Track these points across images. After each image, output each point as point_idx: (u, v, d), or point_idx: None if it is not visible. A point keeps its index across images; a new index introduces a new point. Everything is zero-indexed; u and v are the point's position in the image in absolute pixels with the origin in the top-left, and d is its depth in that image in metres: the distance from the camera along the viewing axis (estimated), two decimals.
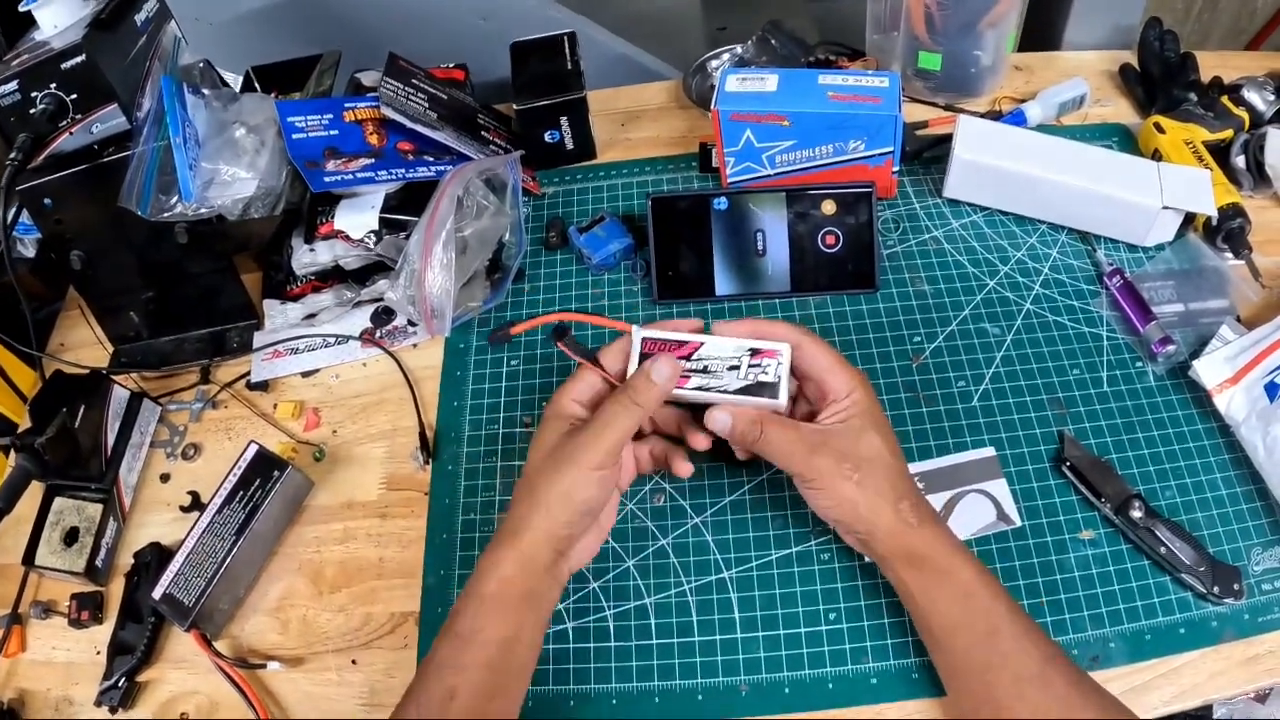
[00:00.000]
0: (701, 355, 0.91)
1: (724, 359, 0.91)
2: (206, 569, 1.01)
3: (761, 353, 0.91)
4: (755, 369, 0.91)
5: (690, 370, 0.91)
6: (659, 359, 0.89)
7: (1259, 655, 0.93)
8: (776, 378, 0.91)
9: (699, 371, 0.91)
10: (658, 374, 0.88)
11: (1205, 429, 1.07)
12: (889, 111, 1.16)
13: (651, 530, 1.04)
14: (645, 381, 0.88)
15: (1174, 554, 0.96)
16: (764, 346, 0.91)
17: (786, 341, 0.93)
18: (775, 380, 0.91)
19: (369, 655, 1.01)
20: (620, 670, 0.96)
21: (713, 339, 0.92)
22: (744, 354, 0.91)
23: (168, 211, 1.12)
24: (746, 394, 0.91)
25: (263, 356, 1.24)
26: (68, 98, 1.08)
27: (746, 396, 0.91)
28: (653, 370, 0.88)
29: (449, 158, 1.27)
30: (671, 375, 0.89)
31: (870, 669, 0.94)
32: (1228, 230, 1.18)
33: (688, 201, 1.20)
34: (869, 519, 0.87)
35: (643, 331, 0.92)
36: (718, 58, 1.54)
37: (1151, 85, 1.40)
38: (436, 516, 1.09)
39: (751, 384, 0.91)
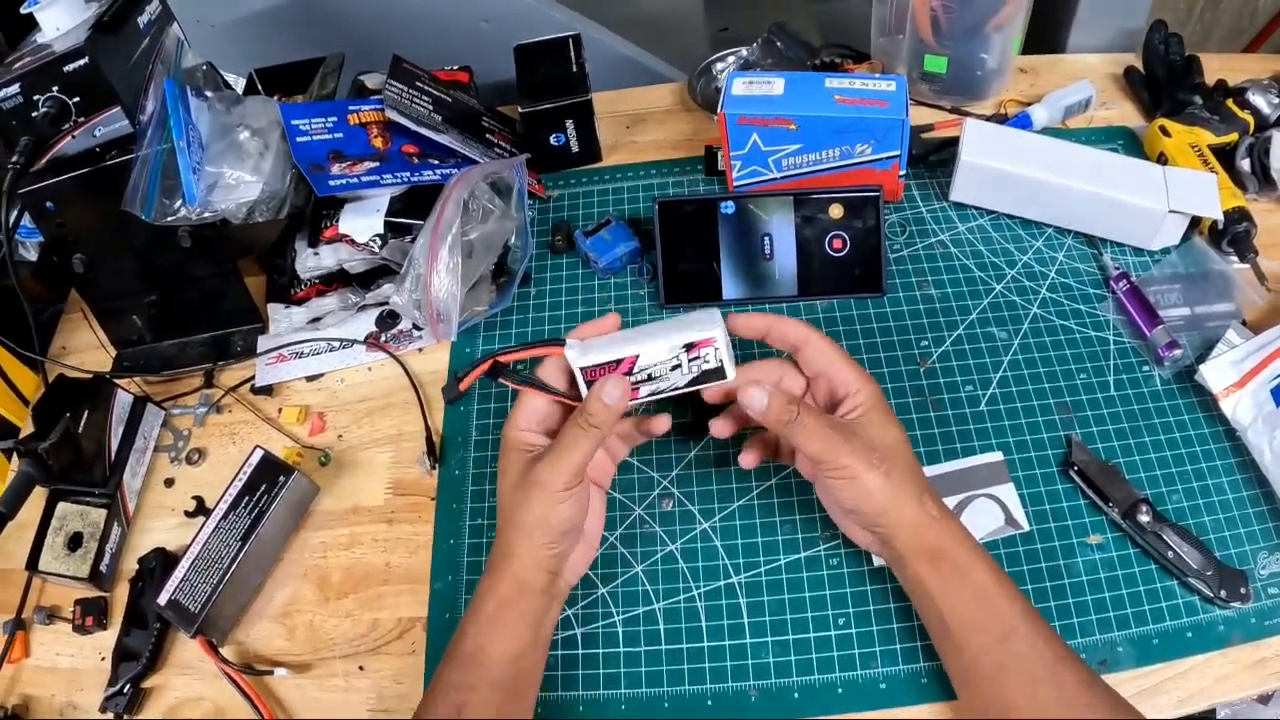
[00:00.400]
0: (642, 365, 0.91)
1: (664, 362, 0.91)
2: (212, 575, 1.01)
3: (696, 345, 0.90)
4: (696, 361, 0.91)
5: (636, 383, 0.91)
6: (608, 380, 0.88)
7: (1266, 659, 0.93)
8: (719, 362, 0.91)
9: (645, 380, 0.91)
10: (608, 396, 0.88)
11: (1212, 433, 1.07)
12: (896, 115, 1.16)
13: (660, 535, 1.04)
14: (599, 404, 0.87)
15: (1181, 558, 0.96)
16: (697, 338, 0.90)
17: (796, 337, 0.94)
18: (718, 364, 0.91)
19: (376, 661, 1.01)
20: (629, 675, 0.96)
21: (646, 347, 0.90)
22: (679, 352, 0.90)
23: (171, 215, 1.12)
24: (696, 384, 0.92)
25: (267, 361, 1.24)
26: (70, 101, 1.07)
27: (697, 386, 0.92)
28: (603, 393, 0.87)
29: (454, 161, 1.26)
30: (623, 395, 0.88)
31: (880, 673, 0.94)
32: (1233, 234, 1.18)
33: (695, 205, 1.20)
34: (895, 511, 0.87)
35: (579, 359, 0.91)
36: (723, 60, 1.54)
37: (1156, 88, 1.40)
38: (443, 522, 1.09)
39: (697, 375, 0.91)
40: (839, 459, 0.87)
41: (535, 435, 0.93)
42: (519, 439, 0.92)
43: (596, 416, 0.87)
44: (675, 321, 0.93)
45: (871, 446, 0.88)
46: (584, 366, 0.91)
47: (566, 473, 0.87)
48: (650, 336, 0.91)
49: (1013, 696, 0.82)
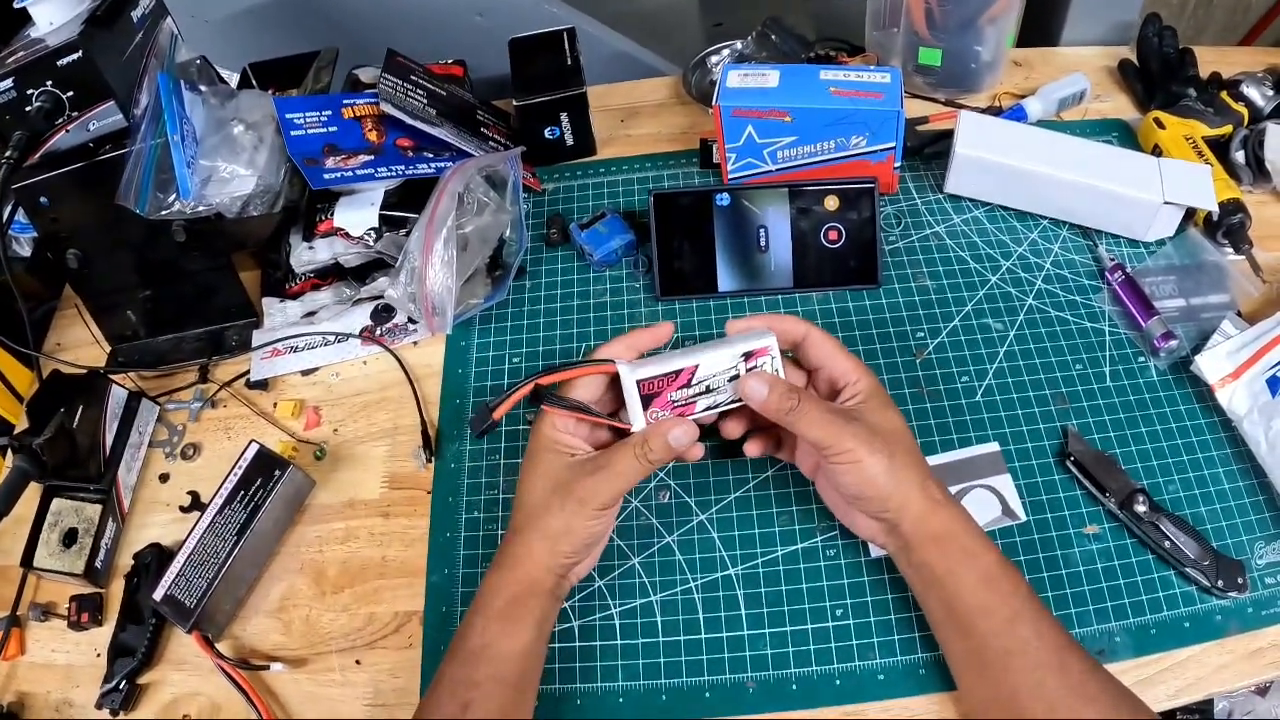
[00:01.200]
0: (700, 376, 0.91)
1: (721, 373, 0.91)
2: (208, 570, 1.00)
3: (754, 354, 0.91)
4: (753, 370, 0.91)
5: (694, 395, 0.91)
6: (679, 425, 0.89)
7: (1263, 648, 0.93)
8: (775, 371, 0.91)
9: (702, 394, 0.91)
10: (675, 439, 0.88)
11: (1208, 423, 1.07)
12: (891, 107, 1.16)
13: (657, 528, 1.04)
14: (664, 445, 0.88)
15: (1178, 548, 0.96)
16: (754, 346, 0.91)
17: (795, 332, 0.94)
18: (774, 374, 0.91)
19: (373, 655, 1.01)
20: (627, 668, 0.96)
21: (705, 356, 0.90)
22: (739, 361, 0.91)
23: (166, 209, 1.12)
24: None
25: (262, 355, 1.24)
26: (64, 95, 1.07)
27: None
28: (671, 435, 0.88)
29: (448, 154, 1.26)
30: (689, 441, 0.89)
31: (878, 665, 0.94)
32: (1228, 225, 1.19)
33: (690, 198, 1.20)
34: (899, 495, 0.87)
35: (634, 373, 0.90)
36: (717, 53, 1.54)
37: (1151, 81, 1.40)
38: (439, 515, 1.09)
39: None
40: (842, 443, 0.86)
41: (574, 439, 0.92)
42: (556, 439, 0.92)
43: (656, 454, 0.87)
44: (721, 340, 0.93)
45: (873, 432, 0.88)
46: (640, 379, 0.90)
47: (608, 496, 0.88)
48: (704, 350, 0.91)
49: (1018, 683, 0.81)
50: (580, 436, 0.93)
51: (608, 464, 0.88)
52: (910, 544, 0.88)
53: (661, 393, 0.90)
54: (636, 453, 0.88)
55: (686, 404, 0.91)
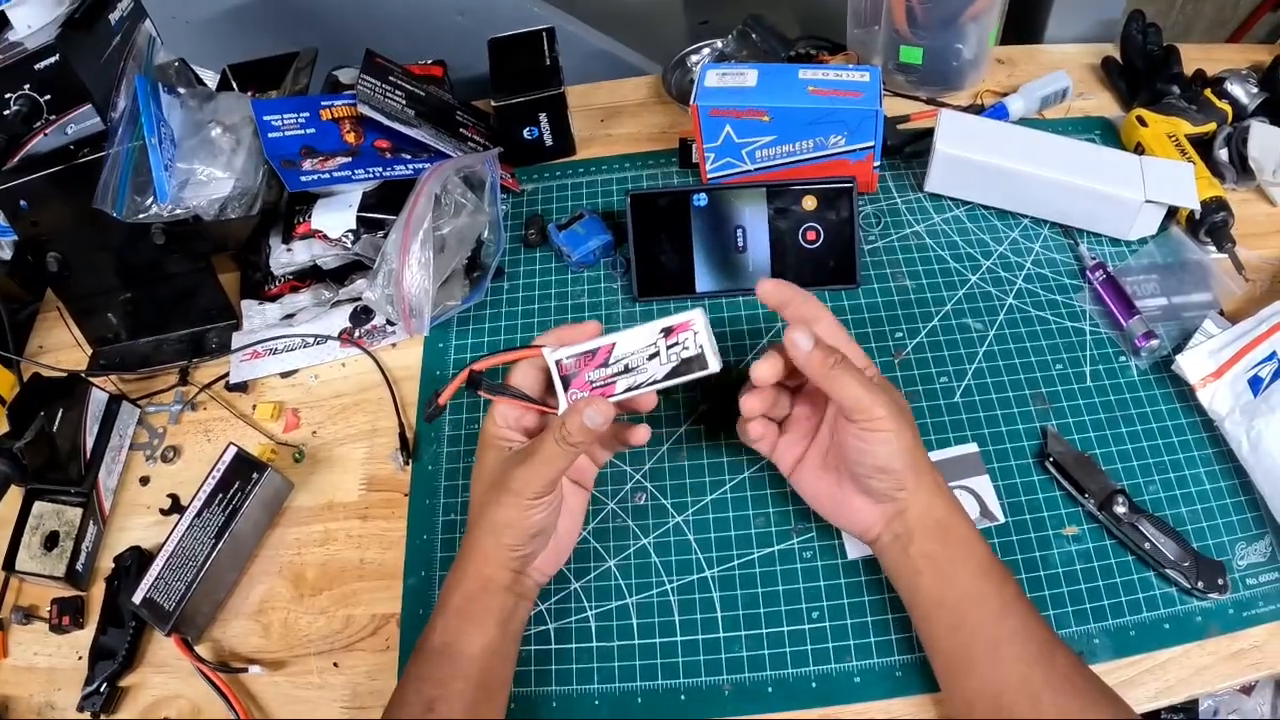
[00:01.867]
0: (617, 355, 0.90)
1: (641, 350, 0.90)
2: (187, 573, 1.00)
3: (674, 329, 0.89)
4: (675, 348, 0.89)
5: (613, 375, 0.90)
6: (592, 403, 0.87)
7: (1244, 649, 0.93)
8: (699, 348, 0.89)
9: (621, 373, 0.90)
10: (589, 419, 0.86)
11: (1189, 423, 1.07)
12: (870, 106, 1.16)
13: (633, 530, 1.04)
14: (579, 425, 0.86)
15: (1158, 549, 0.96)
16: (675, 322, 0.89)
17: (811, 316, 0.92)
18: (699, 351, 0.89)
19: (351, 658, 1.01)
20: (603, 671, 0.96)
21: (622, 335, 0.90)
22: (658, 338, 0.89)
23: (143, 213, 1.12)
24: (677, 375, 0.89)
25: (241, 357, 1.24)
26: (42, 99, 1.07)
27: (679, 378, 0.89)
28: (585, 415, 0.86)
29: (427, 155, 1.26)
30: (605, 419, 0.87)
31: (854, 667, 0.94)
32: (1211, 224, 1.18)
33: (667, 198, 1.20)
34: (914, 477, 0.88)
35: (554, 354, 0.91)
36: (697, 52, 1.54)
37: (1134, 78, 1.40)
38: (417, 517, 1.09)
39: (677, 364, 0.89)
40: (876, 410, 0.86)
41: (512, 433, 0.93)
42: (497, 434, 0.92)
43: (574, 436, 0.86)
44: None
45: (900, 407, 0.88)
46: (559, 360, 0.91)
47: (539, 484, 0.87)
48: (619, 332, 0.91)
49: (1006, 675, 0.82)
50: (519, 430, 0.93)
51: (534, 451, 0.88)
52: (912, 531, 0.88)
53: (580, 373, 0.91)
54: (555, 437, 0.87)
55: (606, 384, 0.90)
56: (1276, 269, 1.19)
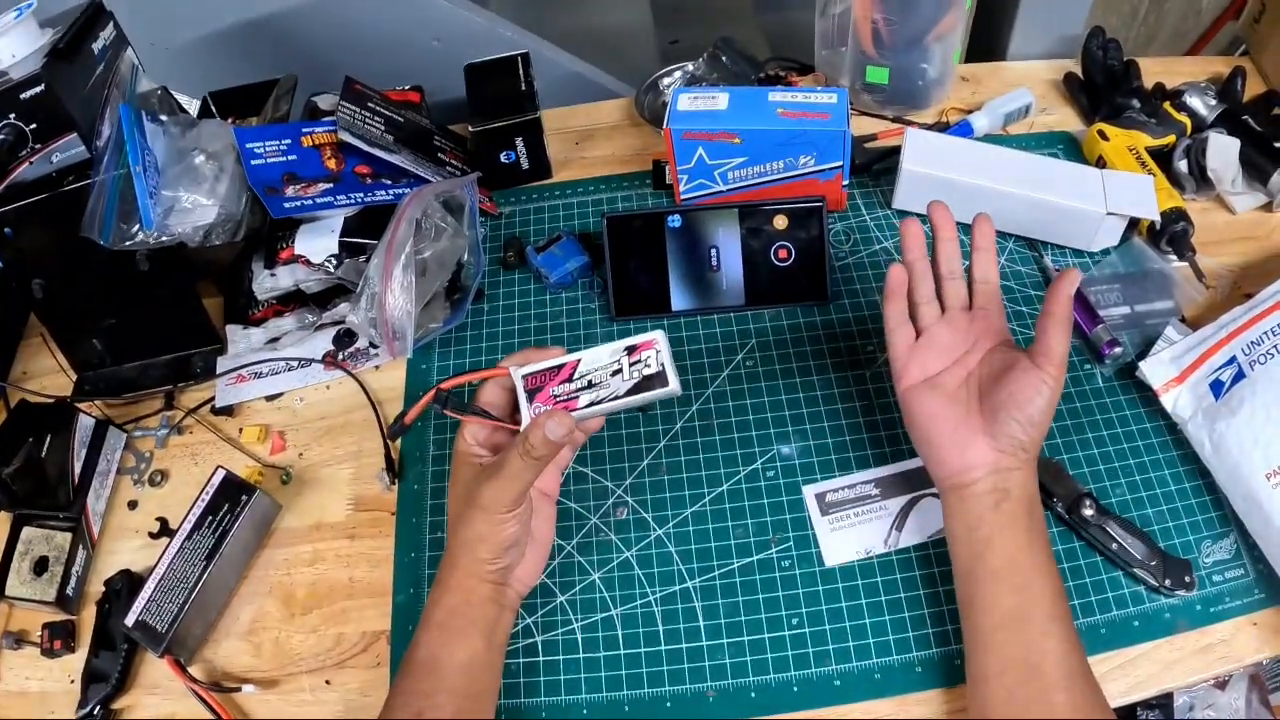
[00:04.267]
0: (582, 371, 0.91)
1: (604, 367, 0.91)
2: (178, 594, 1.01)
3: (637, 348, 0.90)
4: (637, 365, 0.90)
5: (577, 390, 0.91)
6: (553, 416, 0.87)
7: (1212, 644, 0.95)
8: (660, 366, 0.89)
9: (584, 388, 0.91)
10: (551, 431, 0.87)
11: (1153, 427, 1.09)
12: (838, 127, 1.18)
13: (615, 543, 1.06)
14: (541, 438, 0.87)
15: (1126, 549, 0.98)
16: (638, 342, 0.90)
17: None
18: (660, 369, 0.89)
19: (342, 675, 1.02)
20: (589, 681, 0.98)
21: (586, 353, 0.91)
22: (621, 355, 0.90)
23: (129, 240, 1.13)
24: (638, 392, 0.90)
25: (226, 381, 1.24)
26: (27, 128, 1.08)
27: (639, 395, 0.90)
28: (546, 427, 0.87)
29: (406, 181, 1.27)
30: (566, 431, 0.88)
31: (833, 671, 0.96)
32: (1171, 233, 1.21)
33: (642, 220, 1.21)
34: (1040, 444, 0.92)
35: (519, 371, 0.93)
36: (669, 75, 1.55)
37: (1095, 93, 1.42)
38: (404, 536, 1.10)
39: (639, 381, 0.90)
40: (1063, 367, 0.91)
41: (481, 449, 0.94)
42: (468, 451, 0.93)
43: (538, 449, 0.87)
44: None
45: None
46: (525, 374, 0.92)
47: (508, 499, 0.88)
48: (585, 350, 0.92)
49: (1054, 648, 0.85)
50: (488, 446, 0.94)
51: (500, 466, 0.88)
52: (1012, 492, 0.90)
53: (544, 387, 0.92)
54: (519, 451, 0.87)
55: (569, 399, 0.91)
56: (1236, 275, 1.22)
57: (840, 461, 1.10)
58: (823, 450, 1.11)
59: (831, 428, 1.13)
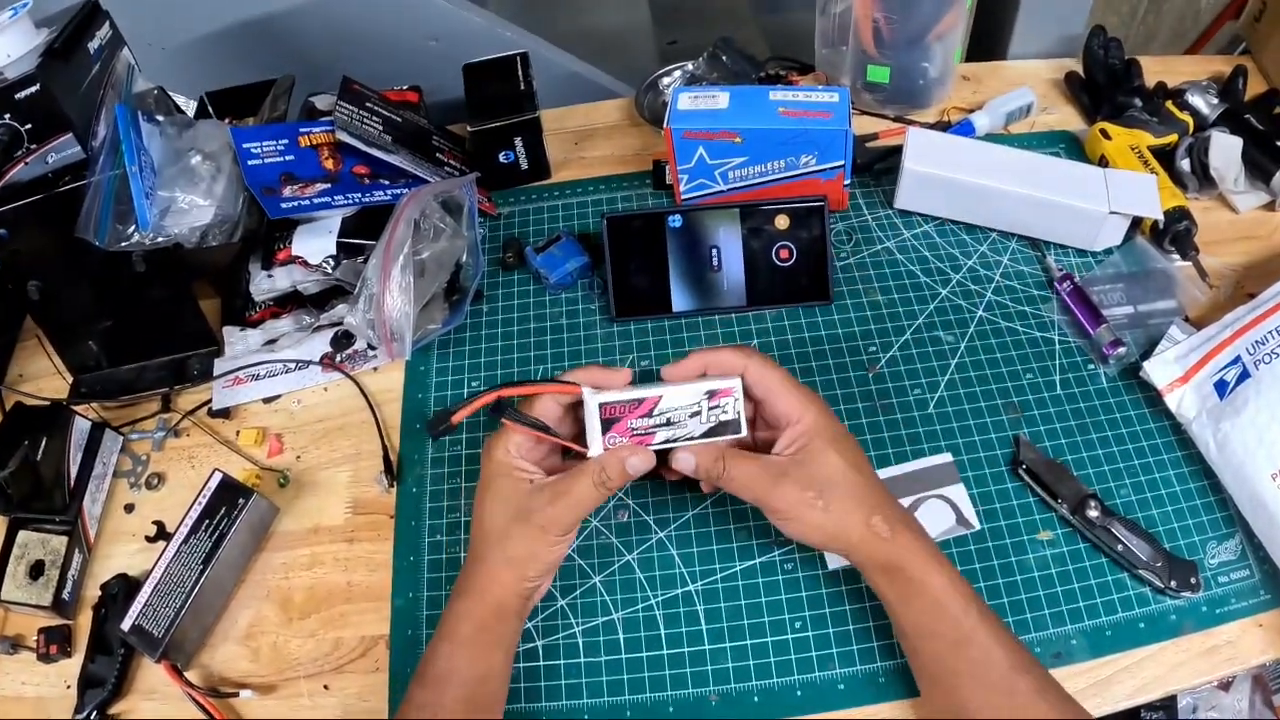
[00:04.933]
0: (663, 409, 0.91)
1: (685, 407, 0.91)
2: (175, 599, 1.01)
3: (718, 393, 0.92)
4: (715, 410, 0.92)
5: (654, 426, 0.91)
6: (637, 453, 0.90)
7: (1218, 646, 0.95)
8: (735, 414, 0.92)
9: (663, 425, 0.91)
10: (633, 467, 0.89)
11: (1157, 427, 1.09)
12: (839, 126, 1.17)
13: (617, 546, 1.05)
14: (621, 471, 0.89)
15: (1131, 551, 0.98)
16: (719, 386, 0.92)
17: (734, 367, 0.93)
18: (735, 417, 0.92)
19: (341, 680, 1.02)
20: (591, 685, 0.97)
21: (669, 390, 0.92)
22: (702, 398, 0.92)
23: (125, 241, 1.12)
24: (712, 435, 0.92)
25: (224, 383, 1.24)
26: (22, 128, 1.07)
27: (712, 438, 0.92)
28: (628, 462, 0.89)
29: (404, 181, 1.27)
30: (646, 467, 0.90)
31: (837, 675, 0.95)
32: (1174, 233, 1.20)
33: (642, 220, 1.21)
34: (840, 539, 0.89)
35: (597, 397, 0.91)
36: (669, 75, 1.55)
37: (1097, 92, 1.42)
38: (403, 539, 1.09)
39: (714, 425, 0.92)
40: (772, 503, 0.89)
41: (528, 463, 0.93)
42: (512, 464, 0.92)
43: (614, 480, 0.88)
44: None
45: (806, 484, 0.89)
46: (603, 403, 0.91)
47: (571, 521, 0.89)
48: (668, 386, 0.93)
49: (966, 700, 0.84)
50: (533, 460, 0.94)
51: (567, 490, 0.89)
52: (863, 568, 0.90)
53: (623, 419, 0.91)
54: (595, 479, 0.88)
55: (646, 434, 0.91)
56: (1239, 275, 1.22)
57: None
58: None
59: None
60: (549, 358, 1.21)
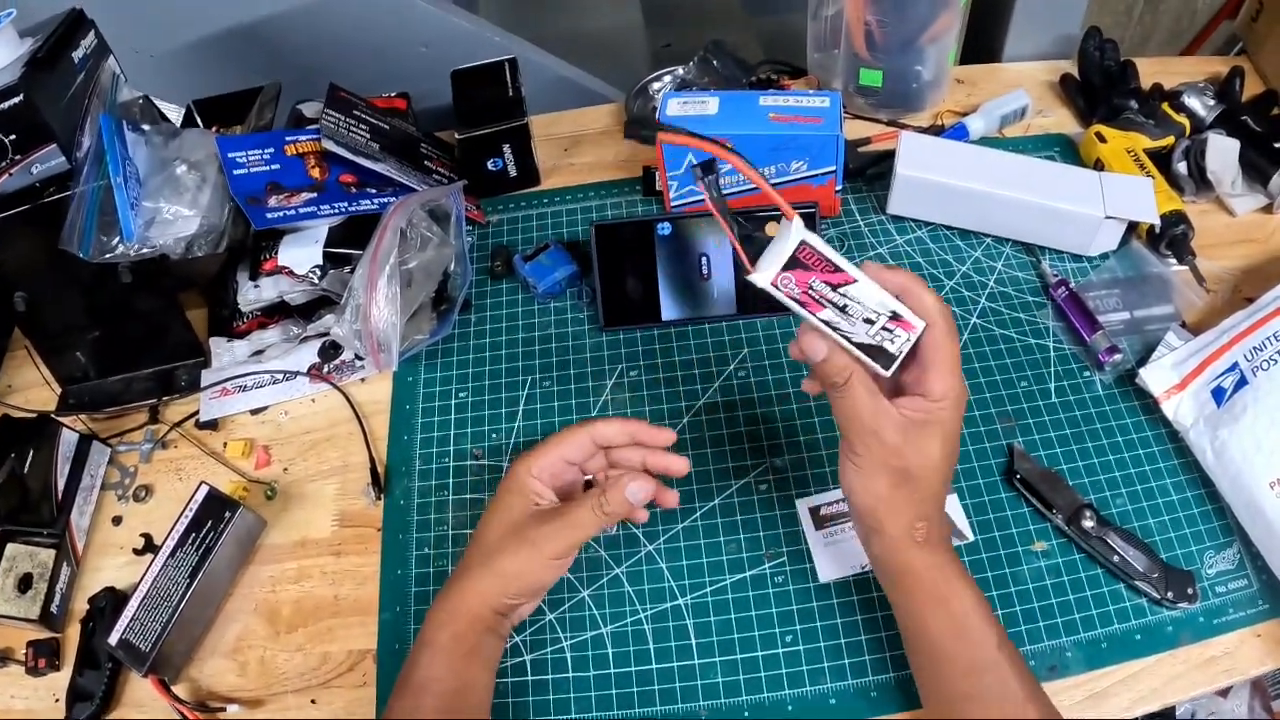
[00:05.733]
0: (848, 292, 0.82)
1: (865, 308, 0.83)
2: (162, 613, 1.00)
3: (902, 320, 0.83)
4: (886, 334, 0.84)
5: (830, 300, 0.82)
6: (636, 480, 0.89)
7: (1215, 657, 0.95)
8: (899, 350, 0.84)
9: (837, 307, 0.82)
10: (632, 494, 0.88)
11: (1154, 435, 1.09)
12: (830, 131, 1.17)
13: (605, 560, 1.05)
14: (621, 501, 0.88)
15: (1127, 561, 0.97)
16: (906, 315, 0.83)
17: (928, 312, 0.84)
18: (897, 353, 0.84)
19: (328, 694, 1.01)
20: (579, 700, 0.97)
21: (866, 281, 0.82)
22: (885, 313, 0.83)
23: (109, 252, 1.12)
24: (864, 351, 0.84)
25: (211, 395, 1.23)
26: (6, 138, 1.07)
27: (862, 354, 0.84)
28: (628, 490, 0.88)
29: (392, 189, 1.27)
30: (645, 496, 0.89)
31: (829, 689, 0.95)
32: (1171, 237, 1.20)
33: (631, 228, 1.21)
34: (878, 520, 0.86)
35: (805, 234, 0.82)
36: (659, 80, 1.54)
37: (1092, 94, 1.41)
38: (390, 552, 1.09)
39: (875, 344, 0.84)
40: (860, 444, 0.85)
41: (546, 488, 0.93)
42: (528, 485, 0.93)
43: (612, 507, 0.88)
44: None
45: (898, 451, 0.84)
46: (807, 242, 0.82)
47: (566, 545, 0.89)
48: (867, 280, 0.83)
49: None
50: (554, 487, 0.94)
51: (565, 513, 0.89)
52: (885, 569, 0.88)
53: (810, 270, 0.82)
54: (593, 504, 0.88)
55: (818, 301, 0.83)
56: (1237, 279, 1.21)
57: (835, 474, 1.08)
58: (817, 462, 1.10)
59: (825, 439, 1.11)
60: (537, 367, 1.21)
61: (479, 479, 1.12)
